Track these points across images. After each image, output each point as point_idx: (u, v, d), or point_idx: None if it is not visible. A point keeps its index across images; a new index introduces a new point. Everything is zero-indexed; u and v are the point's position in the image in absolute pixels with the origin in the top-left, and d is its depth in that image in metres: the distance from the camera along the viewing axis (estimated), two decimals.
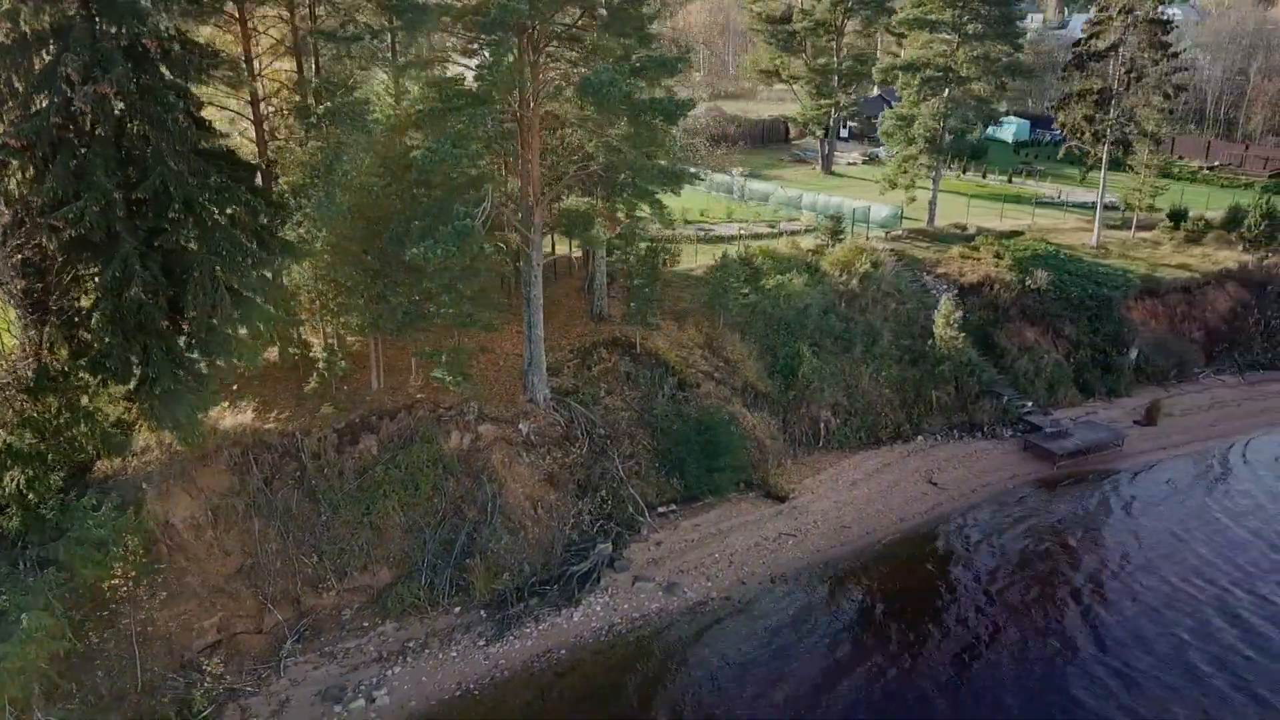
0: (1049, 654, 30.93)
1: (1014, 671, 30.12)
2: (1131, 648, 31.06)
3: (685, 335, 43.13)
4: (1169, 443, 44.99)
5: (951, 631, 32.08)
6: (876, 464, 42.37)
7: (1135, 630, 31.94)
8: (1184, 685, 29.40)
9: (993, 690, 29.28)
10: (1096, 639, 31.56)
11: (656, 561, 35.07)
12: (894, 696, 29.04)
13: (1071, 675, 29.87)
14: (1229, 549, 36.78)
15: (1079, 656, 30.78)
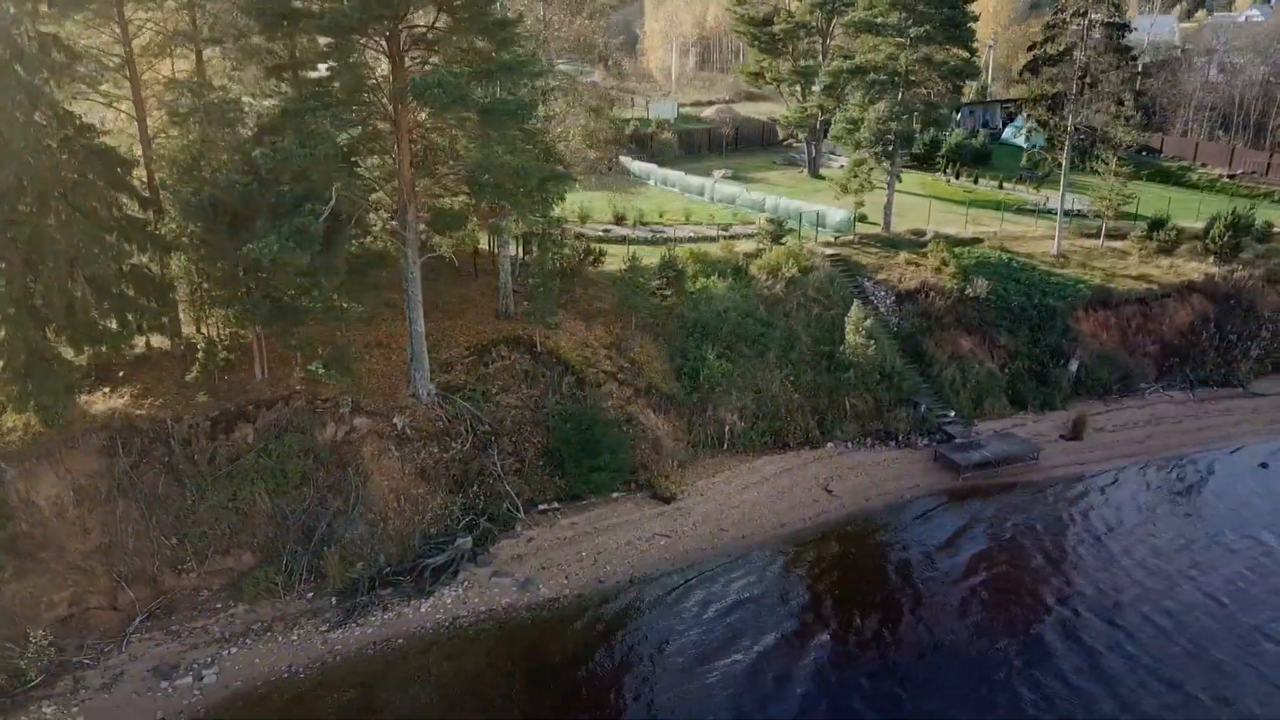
0: (870, 667, 30.57)
1: (838, 680, 29.85)
2: (948, 662, 30.59)
3: (592, 335, 43.48)
4: (1089, 459, 43.82)
5: (789, 643, 31.80)
6: (777, 469, 42.17)
7: (954, 645, 31.43)
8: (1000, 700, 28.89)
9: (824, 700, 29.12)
10: (906, 652, 31.13)
11: (521, 558, 35.56)
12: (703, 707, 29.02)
13: (888, 688, 29.51)
14: (1082, 569, 35.84)
15: (892, 670, 30.41)
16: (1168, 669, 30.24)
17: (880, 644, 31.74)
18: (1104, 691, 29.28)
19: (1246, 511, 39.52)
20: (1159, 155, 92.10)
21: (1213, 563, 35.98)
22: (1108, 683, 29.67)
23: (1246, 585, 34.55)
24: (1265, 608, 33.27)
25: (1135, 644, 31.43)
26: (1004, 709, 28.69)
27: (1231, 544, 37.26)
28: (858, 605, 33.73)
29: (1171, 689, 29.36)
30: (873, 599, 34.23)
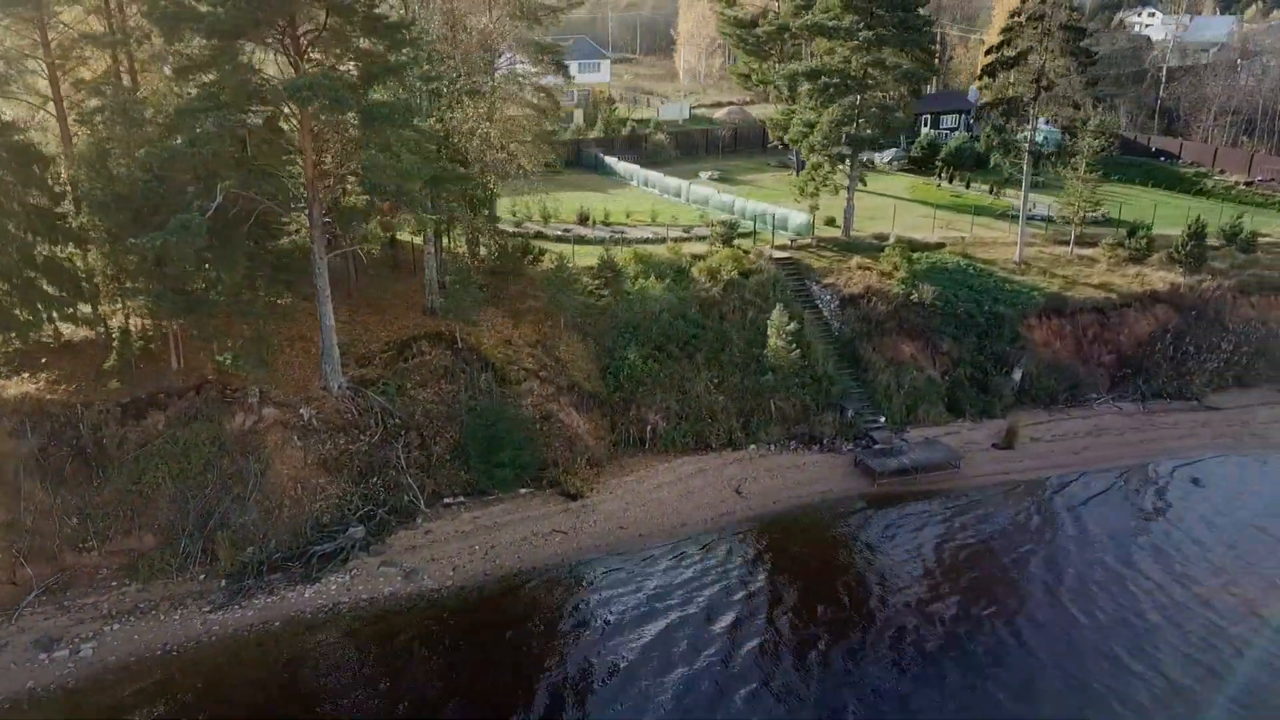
0: (725, 676, 30.62)
1: (687, 676, 30.09)
2: (814, 674, 30.61)
3: (518, 333, 44.19)
4: (1014, 469, 43.16)
5: (656, 641, 32.05)
6: (694, 469, 42.39)
7: (821, 655, 31.40)
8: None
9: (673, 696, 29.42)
10: (771, 661, 31.17)
11: (416, 549, 36.41)
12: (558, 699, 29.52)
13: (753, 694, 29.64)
14: (945, 581, 35.41)
15: (753, 678, 30.48)
16: (994, 685, 29.86)
17: (738, 645, 31.81)
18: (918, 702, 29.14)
19: (1142, 536, 38.37)
20: (1176, 160, 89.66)
21: (1077, 583, 35.07)
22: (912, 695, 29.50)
23: (1091, 607, 33.68)
24: (1098, 632, 32.47)
25: (962, 659, 31.12)
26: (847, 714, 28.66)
27: (1104, 567, 36.20)
28: (731, 606, 33.84)
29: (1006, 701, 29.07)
30: (748, 600, 34.28)
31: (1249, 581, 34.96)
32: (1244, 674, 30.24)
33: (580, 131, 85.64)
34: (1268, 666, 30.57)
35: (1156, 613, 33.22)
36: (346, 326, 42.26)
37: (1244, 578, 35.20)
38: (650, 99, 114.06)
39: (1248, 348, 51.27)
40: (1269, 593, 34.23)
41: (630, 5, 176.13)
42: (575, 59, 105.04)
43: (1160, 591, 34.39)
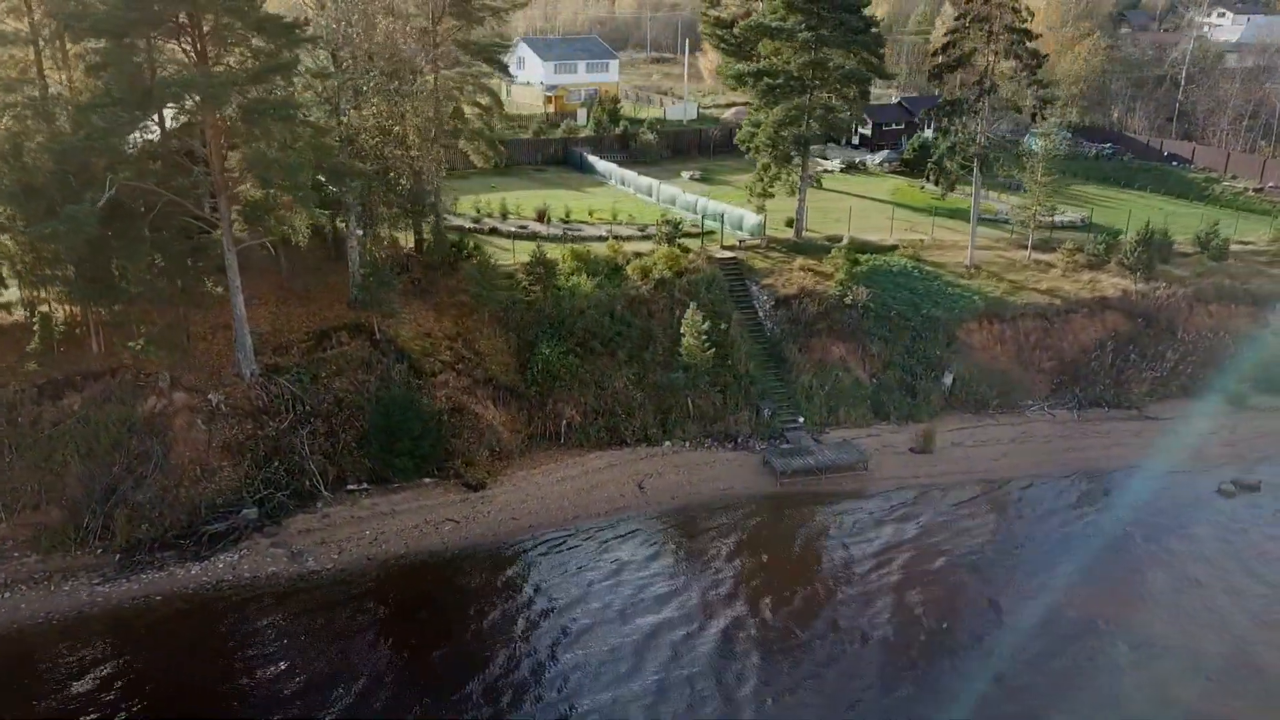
0: (556, 657, 31.28)
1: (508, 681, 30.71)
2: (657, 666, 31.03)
3: (440, 326, 45.24)
4: (924, 473, 42.89)
5: (521, 631, 32.81)
6: (603, 464, 42.97)
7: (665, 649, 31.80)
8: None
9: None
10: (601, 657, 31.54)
11: (310, 532, 37.66)
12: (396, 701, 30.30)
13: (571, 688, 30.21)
14: (808, 580, 35.61)
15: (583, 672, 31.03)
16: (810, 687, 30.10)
17: (579, 631, 32.53)
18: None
19: (1014, 545, 38.04)
20: (1189, 166, 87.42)
21: (923, 591, 34.94)
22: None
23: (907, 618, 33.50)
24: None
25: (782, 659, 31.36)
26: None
27: (949, 577, 35.93)
28: (585, 595, 34.49)
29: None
30: (601, 589, 34.86)
31: (1088, 593, 34.56)
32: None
33: (571, 130, 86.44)
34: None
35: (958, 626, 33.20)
36: (272, 315, 43.90)
37: (1088, 589, 34.77)
38: (664, 99, 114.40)
39: (1195, 357, 50.05)
40: (1111, 605, 33.77)
41: (674, 6, 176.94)
42: (583, 59, 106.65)
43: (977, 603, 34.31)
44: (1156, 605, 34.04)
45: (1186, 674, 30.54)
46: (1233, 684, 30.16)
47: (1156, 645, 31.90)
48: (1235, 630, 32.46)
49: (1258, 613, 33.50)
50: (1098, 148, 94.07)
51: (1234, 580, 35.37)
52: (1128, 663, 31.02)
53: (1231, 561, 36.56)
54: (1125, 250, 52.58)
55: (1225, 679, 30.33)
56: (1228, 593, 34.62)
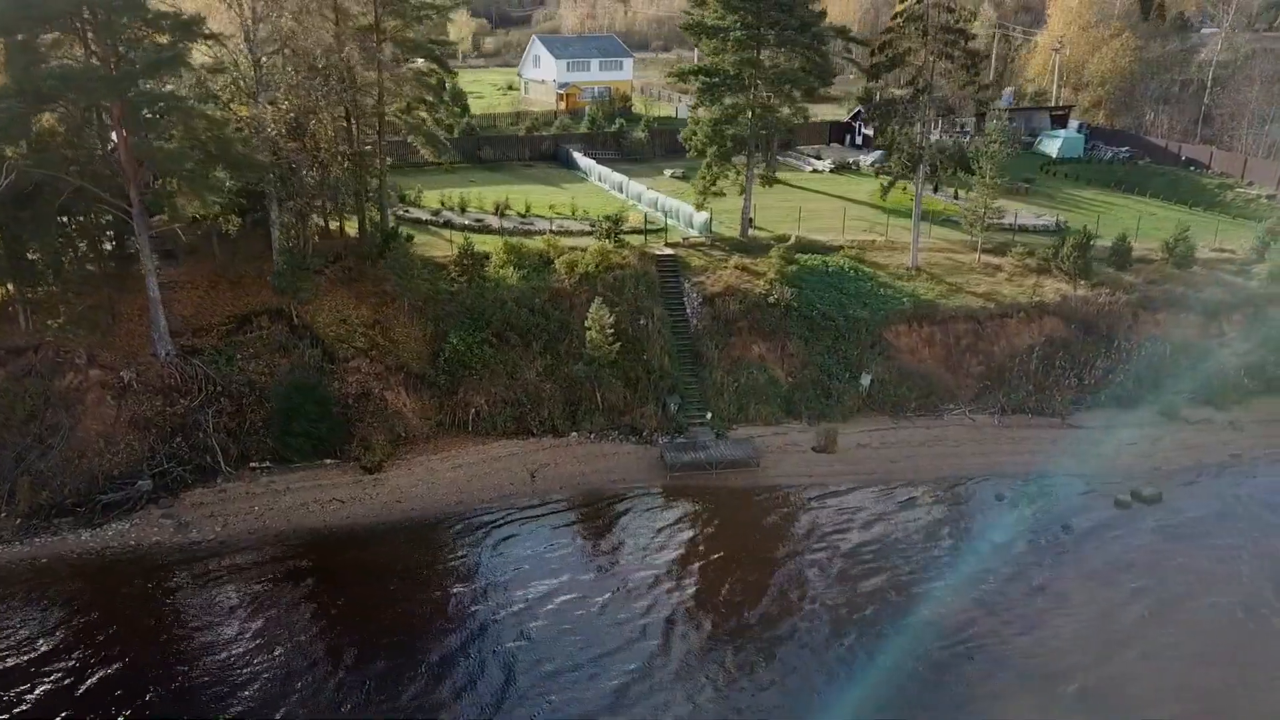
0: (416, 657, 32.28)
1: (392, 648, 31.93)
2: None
3: (357, 313, 46.72)
4: (819, 473, 42.82)
5: (388, 611, 33.90)
6: (505, 453, 43.98)
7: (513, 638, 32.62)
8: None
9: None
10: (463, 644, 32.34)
11: (202, 505, 39.55)
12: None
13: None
14: (659, 572, 35.98)
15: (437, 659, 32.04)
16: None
17: (416, 612, 33.69)
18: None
19: (875, 545, 37.75)
20: (1206, 170, 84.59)
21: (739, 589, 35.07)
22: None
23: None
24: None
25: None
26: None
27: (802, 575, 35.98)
28: (437, 576, 35.62)
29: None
30: (470, 577, 35.82)
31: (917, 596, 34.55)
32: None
33: (565, 128, 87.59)
34: None
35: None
36: (199, 299, 46.07)
37: (919, 594, 34.70)
38: (682, 97, 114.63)
39: (1131, 366, 48.75)
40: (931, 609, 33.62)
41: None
42: (596, 57, 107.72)
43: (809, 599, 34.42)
44: (989, 614, 33.52)
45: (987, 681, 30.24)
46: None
47: (966, 649, 31.61)
48: (1050, 644, 31.90)
49: (1086, 621, 32.89)
50: (1113, 151, 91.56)
51: (1078, 589, 34.74)
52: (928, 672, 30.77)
53: (1085, 571, 35.90)
54: (1063, 254, 51.43)
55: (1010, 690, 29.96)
56: (1060, 599, 34.20)
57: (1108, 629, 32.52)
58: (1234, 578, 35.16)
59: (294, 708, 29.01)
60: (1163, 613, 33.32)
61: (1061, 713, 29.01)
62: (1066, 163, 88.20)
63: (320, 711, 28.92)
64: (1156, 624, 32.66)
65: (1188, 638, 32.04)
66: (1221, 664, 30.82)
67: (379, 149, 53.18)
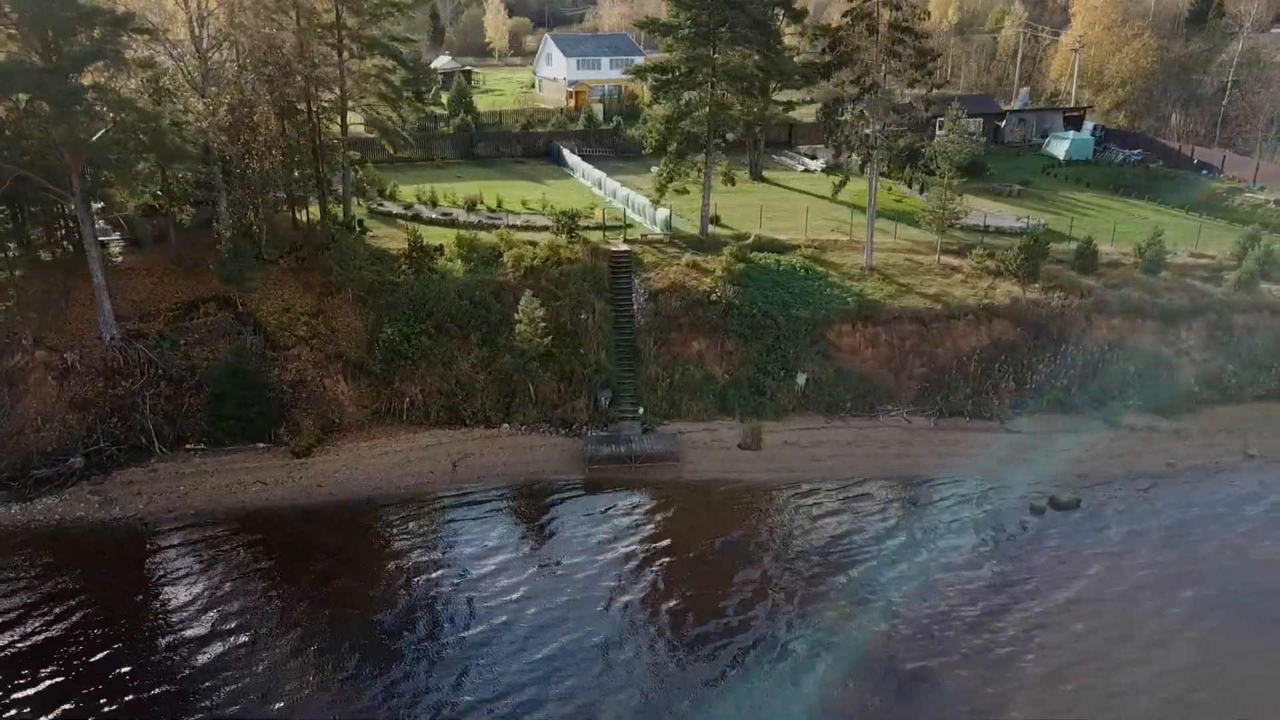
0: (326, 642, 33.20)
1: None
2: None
3: (301, 302, 48.01)
4: (740, 470, 42.88)
5: (278, 591, 35.07)
6: (432, 442, 44.86)
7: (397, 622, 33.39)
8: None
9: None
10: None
11: (133, 483, 41.12)
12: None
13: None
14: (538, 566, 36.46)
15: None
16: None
17: (301, 590, 34.52)
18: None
19: (772, 543, 37.77)
20: (1217, 174, 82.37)
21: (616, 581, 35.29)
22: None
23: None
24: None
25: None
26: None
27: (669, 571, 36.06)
28: (351, 561, 36.49)
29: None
30: (365, 562, 36.71)
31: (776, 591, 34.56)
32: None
33: (560, 125, 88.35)
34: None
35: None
36: (151, 285, 47.78)
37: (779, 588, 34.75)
38: None
39: (1075, 371, 47.86)
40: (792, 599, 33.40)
41: None
42: (607, 55, 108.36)
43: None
44: (862, 615, 33.41)
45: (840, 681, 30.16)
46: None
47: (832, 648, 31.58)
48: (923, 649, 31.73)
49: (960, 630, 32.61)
50: (1124, 154, 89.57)
51: (961, 594, 34.43)
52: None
53: (974, 574, 35.58)
54: (1011, 257, 50.65)
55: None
56: (939, 603, 33.95)
57: (979, 641, 32.10)
58: (1119, 596, 34.21)
59: (164, 676, 30.15)
60: (1030, 628, 32.64)
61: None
62: (1074, 165, 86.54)
63: (191, 677, 30.04)
64: (1019, 641, 31.95)
65: (1047, 654, 31.42)
66: (1075, 682, 30.30)
67: (343, 143, 54.50)
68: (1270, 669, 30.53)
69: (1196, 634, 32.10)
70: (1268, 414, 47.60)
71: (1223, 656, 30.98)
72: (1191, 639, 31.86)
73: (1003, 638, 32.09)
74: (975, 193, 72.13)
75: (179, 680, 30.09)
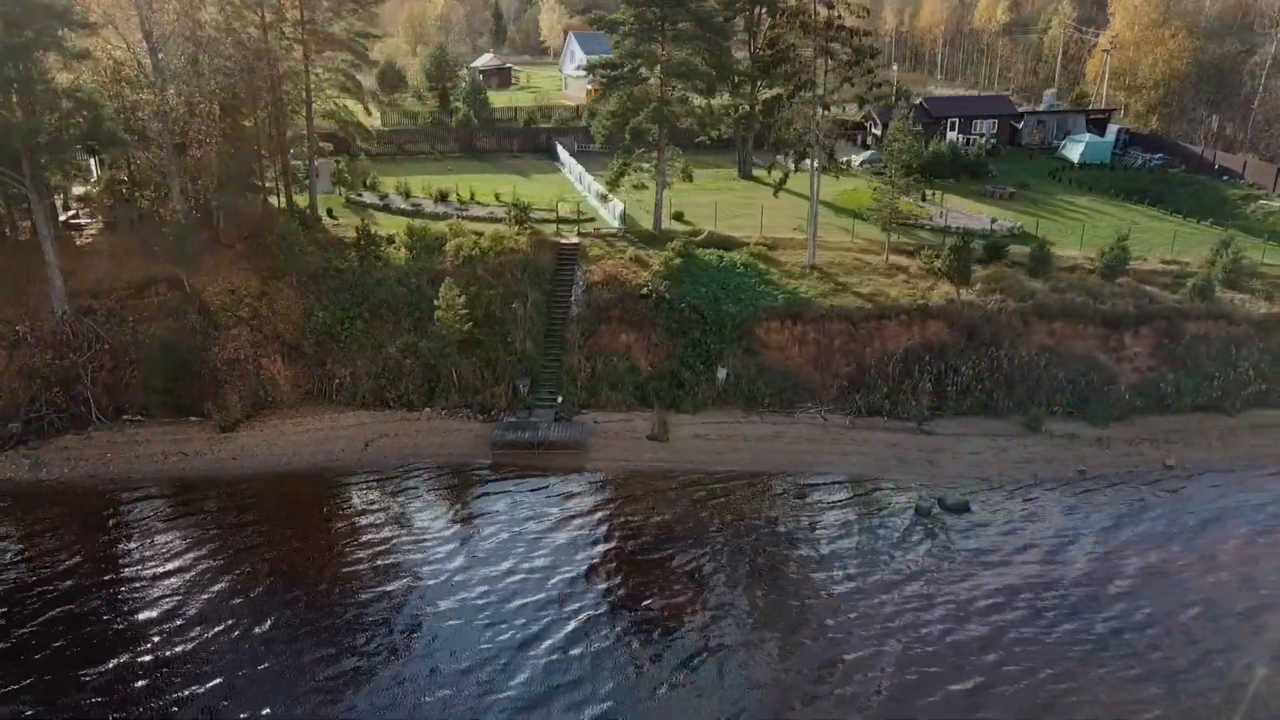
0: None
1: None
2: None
3: (247, 285, 50.28)
4: (642, 459, 43.44)
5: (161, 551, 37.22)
6: (353, 422, 46.56)
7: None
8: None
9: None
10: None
11: (66, 450, 43.86)
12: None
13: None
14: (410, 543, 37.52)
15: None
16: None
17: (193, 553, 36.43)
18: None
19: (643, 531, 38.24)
20: (1238, 180, 79.48)
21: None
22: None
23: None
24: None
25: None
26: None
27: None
28: (245, 530, 38.36)
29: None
30: (251, 532, 38.52)
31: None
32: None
33: (563, 121, 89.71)
34: None
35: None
36: (110, 265, 50.62)
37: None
38: None
39: (1001, 374, 47.11)
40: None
41: None
42: None
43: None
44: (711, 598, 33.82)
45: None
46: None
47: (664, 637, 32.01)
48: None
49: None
50: (1144, 158, 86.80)
51: (809, 588, 34.51)
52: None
53: (839, 571, 35.56)
54: (944, 257, 50.02)
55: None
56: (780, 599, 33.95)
57: (819, 636, 32.26)
58: (966, 604, 33.78)
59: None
60: (875, 624, 32.61)
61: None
62: (1088, 169, 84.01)
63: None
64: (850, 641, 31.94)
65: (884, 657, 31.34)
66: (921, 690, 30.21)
67: (310, 135, 56.76)
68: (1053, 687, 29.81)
69: (1013, 640, 31.59)
70: (1203, 425, 46.18)
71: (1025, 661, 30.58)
72: (1009, 645, 31.39)
73: (845, 635, 32.03)
74: (968, 194, 71.37)
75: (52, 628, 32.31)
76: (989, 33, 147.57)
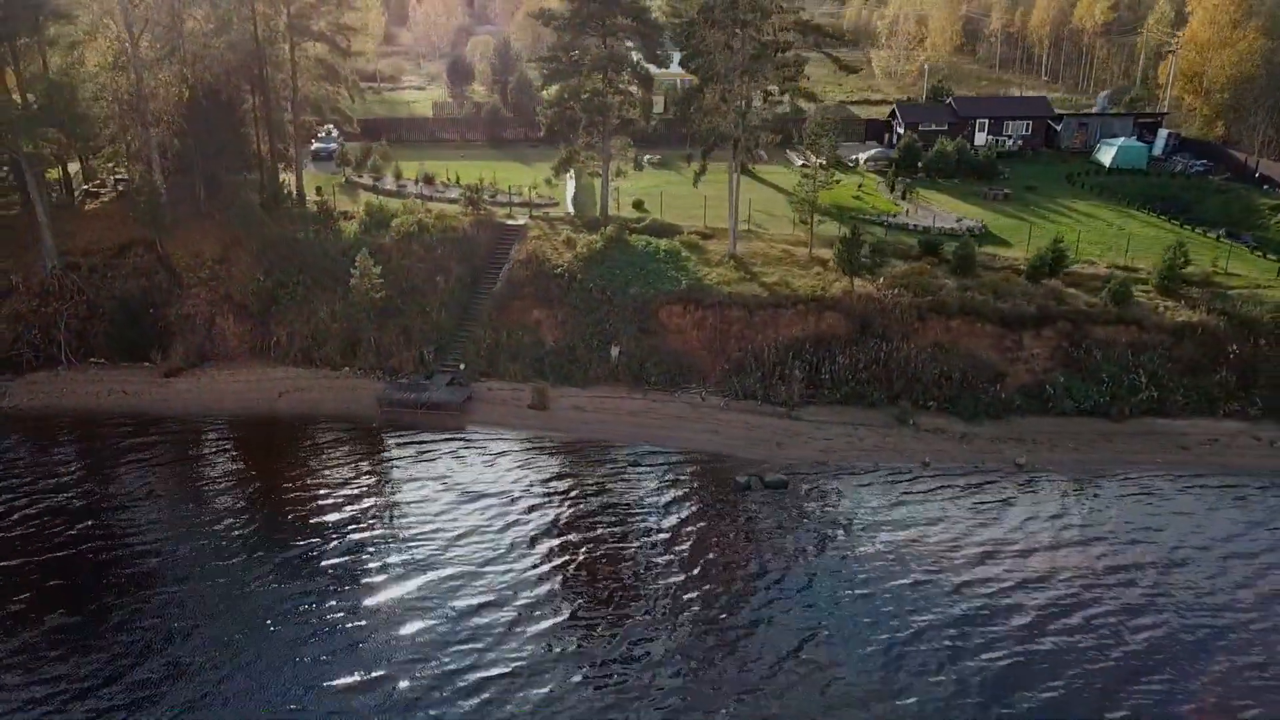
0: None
1: None
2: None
3: (211, 250, 56.26)
4: (515, 423, 46.84)
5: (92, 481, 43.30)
6: (280, 376, 51.79)
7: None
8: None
9: None
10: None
11: (36, 384, 51.02)
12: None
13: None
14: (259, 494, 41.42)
15: None
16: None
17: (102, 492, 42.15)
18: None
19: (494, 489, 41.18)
20: (1276, 189, 75.61)
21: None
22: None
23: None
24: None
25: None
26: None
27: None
28: (145, 461, 43.94)
29: None
30: (164, 470, 43.97)
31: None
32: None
33: None
34: None
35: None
36: (100, 228, 57.77)
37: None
38: None
39: (877, 366, 47.77)
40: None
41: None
42: (676, 50, 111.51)
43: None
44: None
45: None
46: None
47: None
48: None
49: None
50: (1185, 164, 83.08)
51: (611, 545, 36.86)
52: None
53: (641, 535, 37.77)
54: (835, 250, 50.78)
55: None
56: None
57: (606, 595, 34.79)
58: (755, 574, 35.39)
59: None
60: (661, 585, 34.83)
61: None
62: (1119, 173, 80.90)
63: None
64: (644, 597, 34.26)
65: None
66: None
67: (295, 119, 62.59)
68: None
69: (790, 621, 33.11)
70: (1082, 429, 45.58)
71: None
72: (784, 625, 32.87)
73: (633, 593, 34.44)
74: (965, 195, 70.73)
75: None
76: (1089, 33, 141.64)
